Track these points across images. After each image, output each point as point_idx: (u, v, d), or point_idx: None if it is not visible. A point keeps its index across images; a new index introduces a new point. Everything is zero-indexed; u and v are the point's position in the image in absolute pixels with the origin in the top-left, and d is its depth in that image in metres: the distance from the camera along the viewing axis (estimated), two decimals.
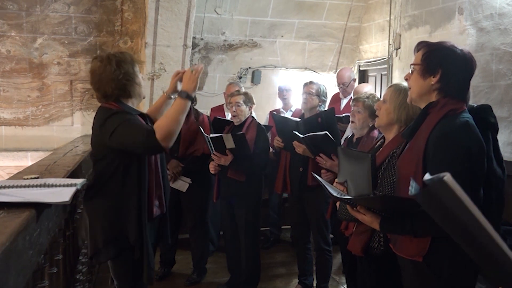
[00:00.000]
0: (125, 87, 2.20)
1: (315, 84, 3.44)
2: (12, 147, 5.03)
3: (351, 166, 2.09)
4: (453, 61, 1.70)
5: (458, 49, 1.73)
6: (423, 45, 1.78)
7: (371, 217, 1.76)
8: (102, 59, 2.21)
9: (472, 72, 1.75)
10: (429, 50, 1.74)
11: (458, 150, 1.60)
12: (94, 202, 2.21)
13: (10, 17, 4.92)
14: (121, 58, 2.20)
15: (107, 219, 2.17)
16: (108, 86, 2.17)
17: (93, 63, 2.24)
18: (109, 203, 2.17)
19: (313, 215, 3.38)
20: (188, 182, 3.71)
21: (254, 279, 3.58)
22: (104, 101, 2.23)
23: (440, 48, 1.73)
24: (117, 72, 2.16)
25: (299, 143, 3.23)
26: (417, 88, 1.77)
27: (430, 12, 4.94)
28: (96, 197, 2.20)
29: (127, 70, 2.19)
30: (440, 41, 1.79)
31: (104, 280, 3.55)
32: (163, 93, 2.49)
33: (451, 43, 1.76)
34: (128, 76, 2.19)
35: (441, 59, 1.71)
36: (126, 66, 2.19)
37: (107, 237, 2.17)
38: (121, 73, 2.17)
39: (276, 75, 6.24)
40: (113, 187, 2.16)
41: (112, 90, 2.18)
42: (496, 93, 4.11)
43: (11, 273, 1.23)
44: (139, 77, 2.26)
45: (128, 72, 2.19)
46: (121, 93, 2.20)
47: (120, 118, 2.10)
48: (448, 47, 1.73)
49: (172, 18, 4.93)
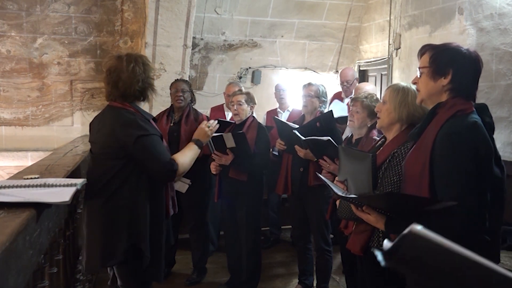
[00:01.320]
0: (145, 90, 2.24)
1: (314, 85, 3.43)
2: (12, 147, 5.03)
3: (351, 166, 2.09)
4: (462, 61, 1.71)
5: (464, 49, 1.73)
6: (428, 48, 1.78)
7: (376, 217, 1.76)
8: (129, 59, 2.21)
9: (480, 71, 1.75)
10: (437, 51, 1.74)
11: (465, 151, 1.59)
12: (109, 207, 2.15)
13: (10, 17, 4.92)
14: (146, 61, 2.26)
15: (122, 226, 2.14)
16: (131, 86, 2.18)
17: (117, 61, 2.21)
18: (125, 209, 2.14)
19: (313, 215, 3.38)
20: (188, 183, 3.70)
21: (254, 279, 3.58)
22: (121, 100, 2.22)
23: (448, 49, 1.74)
24: (143, 75, 2.20)
25: (300, 148, 3.22)
26: (427, 91, 1.76)
27: (430, 12, 4.94)
28: (111, 201, 2.15)
29: (149, 75, 2.25)
30: (444, 42, 1.80)
31: (104, 280, 3.55)
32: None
33: (457, 43, 1.77)
34: (149, 80, 2.25)
35: (450, 60, 1.71)
36: (149, 70, 2.25)
37: (121, 244, 2.13)
38: (146, 76, 2.22)
39: (276, 75, 6.24)
40: (127, 192, 2.15)
41: (134, 92, 2.19)
42: (496, 93, 4.11)
43: (11, 273, 1.23)
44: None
45: (149, 76, 2.25)
46: (139, 95, 2.23)
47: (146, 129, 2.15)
48: (455, 47, 1.74)
49: (172, 18, 4.93)
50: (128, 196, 2.15)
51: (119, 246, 2.14)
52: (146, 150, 2.13)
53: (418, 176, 1.68)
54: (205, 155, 3.67)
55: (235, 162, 3.31)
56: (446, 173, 1.61)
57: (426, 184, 1.65)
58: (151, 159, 2.14)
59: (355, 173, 2.05)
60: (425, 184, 1.65)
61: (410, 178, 1.74)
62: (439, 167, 1.63)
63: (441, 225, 1.63)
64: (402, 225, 1.69)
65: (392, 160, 2.03)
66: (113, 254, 2.15)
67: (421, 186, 1.67)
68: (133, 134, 2.11)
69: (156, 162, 2.14)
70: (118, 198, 2.15)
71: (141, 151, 2.12)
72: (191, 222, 3.90)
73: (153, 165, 2.15)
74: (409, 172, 1.77)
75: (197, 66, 5.96)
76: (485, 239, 1.69)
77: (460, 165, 1.59)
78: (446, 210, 1.58)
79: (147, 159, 2.14)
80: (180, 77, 4.89)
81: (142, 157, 2.14)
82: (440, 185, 1.63)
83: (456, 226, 1.60)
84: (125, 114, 2.17)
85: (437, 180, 1.64)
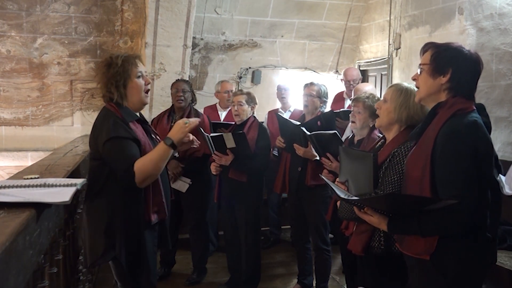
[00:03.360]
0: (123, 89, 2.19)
1: (316, 85, 3.42)
2: (12, 147, 5.03)
3: (352, 166, 2.09)
4: (462, 61, 1.72)
5: (466, 49, 1.75)
6: (431, 46, 1.80)
7: (379, 218, 1.77)
8: (111, 59, 2.20)
9: (480, 72, 1.77)
10: (438, 50, 1.76)
11: (465, 150, 1.60)
12: (95, 204, 2.19)
13: (10, 17, 4.92)
14: (126, 59, 2.19)
15: (101, 225, 2.14)
16: (107, 87, 2.18)
17: (101, 62, 2.24)
18: (107, 207, 2.15)
19: (311, 215, 3.38)
20: (188, 183, 3.71)
21: (254, 279, 3.58)
22: (107, 100, 2.22)
23: (449, 48, 1.75)
24: (119, 76, 2.16)
25: (299, 146, 3.22)
26: (426, 88, 1.78)
27: (430, 12, 4.94)
28: (96, 199, 2.18)
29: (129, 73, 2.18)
30: (447, 42, 1.81)
31: (104, 280, 3.55)
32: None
33: (459, 43, 1.79)
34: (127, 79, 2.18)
35: (450, 59, 1.72)
36: (129, 68, 2.18)
37: (100, 243, 2.14)
38: (123, 77, 2.17)
39: (276, 75, 6.24)
40: (108, 192, 2.15)
41: (110, 92, 2.18)
42: (496, 93, 4.11)
43: (11, 273, 1.23)
44: (142, 82, 2.23)
45: (128, 74, 2.18)
46: (119, 96, 2.18)
47: (116, 130, 2.09)
48: (457, 47, 1.75)
49: (172, 18, 4.93)
50: (107, 198, 2.15)
51: (100, 248, 2.15)
52: (110, 154, 2.11)
53: (420, 175, 1.69)
54: (206, 155, 3.67)
55: (235, 163, 3.31)
56: (447, 172, 1.62)
57: (427, 183, 1.66)
58: (114, 163, 2.11)
59: (356, 173, 2.05)
60: (427, 183, 1.66)
61: (412, 177, 1.75)
62: (440, 166, 1.64)
63: (442, 224, 1.63)
64: (405, 226, 1.71)
65: (392, 159, 2.03)
66: (97, 254, 2.17)
67: (422, 185, 1.67)
68: (103, 137, 2.10)
69: (117, 167, 2.10)
70: (99, 199, 2.16)
71: (106, 154, 2.12)
72: (191, 222, 3.89)
73: (116, 169, 2.11)
74: (410, 171, 1.78)
75: (197, 66, 5.96)
76: (487, 236, 1.69)
77: (461, 164, 1.60)
78: (447, 208, 1.58)
79: (111, 163, 2.12)
80: (180, 77, 4.89)
81: (108, 160, 2.13)
82: (441, 184, 1.63)
83: (457, 225, 1.61)
84: (106, 116, 2.16)
85: (438, 179, 1.64)
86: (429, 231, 1.66)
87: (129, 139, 2.12)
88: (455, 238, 1.65)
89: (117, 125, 2.11)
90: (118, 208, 2.14)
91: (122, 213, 2.14)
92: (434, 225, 1.64)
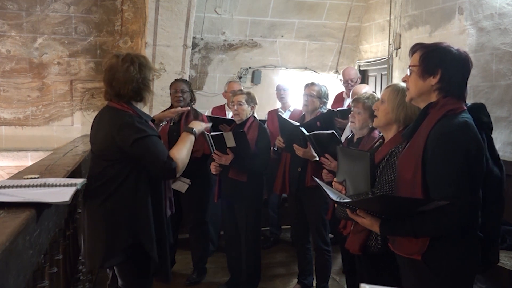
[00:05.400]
0: (141, 91, 2.23)
1: (317, 85, 3.42)
2: (12, 147, 5.03)
3: (350, 165, 2.09)
4: (451, 61, 1.72)
5: (454, 49, 1.75)
6: (419, 47, 1.79)
7: (371, 220, 1.77)
8: (125, 58, 2.21)
9: (469, 71, 1.77)
10: (427, 51, 1.75)
11: (456, 150, 1.60)
12: (108, 207, 2.16)
13: (10, 17, 4.93)
14: (143, 62, 2.24)
15: (123, 225, 2.15)
16: (125, 86, 2.18)
17: (113, 60, 2.22)
18: (124, 209, 2.16)
19: (311, 215, 3.38)
20: (188, 183, 3.71)
21: (254, 279, 3.58)
22: (116, 100, 2.22)
23: (438, 49, 1.75)
24: (138, 76, 2.19)
25: (298, 146, 3.22)
26: (416, 89, 1.77)
27: (430, 12, 4.94)
28: (109, 201, 2.16)
29: (146, 76, 2.24)
30: (435, 42, 1.81)
31: (104, 280, 3.55)
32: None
33: (447, 43, 1.78)
34: (146, 81, 2.24)
35: (439, 60, 1.72)
36: (146, 71, 2.23)
37: (121, 243, 2.14)
38: (141, 77, 2.21)
39: (276, 75, 6.24)
40: (126, 192, 2.16)
41: (128, 92, 2.19)
42: (496, 93, 4.11)
43: (11, 273, 1.23)
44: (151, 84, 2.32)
45: (146, 77, 2.24)
46: (135, 96, 2.22)
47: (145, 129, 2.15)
48: (445, 47, 1.75)
49: (172, 18, 4.93)
50: (127, 197, 2.15)
51: (119, 246, 2.15)
52: (144, 152, 2.14)
53: (411, 176, 1.69)
54: (205, 155, 3.67)
55: (235, 162, 3.31)
56: (438, 172, 1.62)
57: (419, 184, 1.66)
58: (150, 160, 2.15)
59: (354, 172, 2.05)
60: (418, 184, 1.66)
61: (404, 178, 1.75)
62: (431, 167, 1.64)
63: (435, 225, 1.63)
64: (397, 227, 1.71)
65: (390, 158, 2.04)
66: (112, 253, 2.16)
67: (414, 186, 1.67)
68: (131, 137, 2.11)
69: (155, 163, 2.14)
70: (115, 199, 2.16)
71: (139, 153, 2.14)
72: (191, 222, 3.89)
73: (152, 166, 2.16)
74: (402, 171, 1.78)
75: (197, 66, 5.96)
76: (478, 236, 1.69)
77: (452, 164, 1.60)
78: (439, 209, 1.58)
79: (146, 160, 2.15)
80: (180, 77, 4.89)
81: (141, 158, 2.15)
82: (433, 185, 1.63)
83: (449, 225, 1.61)
84: (123, 116, 2.17)
85: (429, 179, 1.64)
86: (422, 232, 1.66)
87: (156, 136, 2.21)
88: (447, 238, 1.65)
89: (143, 124, 2.18)
90: (144, 205, 2.17)
91: (148, 209, 2.18)
92: (427, 226, 1.64)
